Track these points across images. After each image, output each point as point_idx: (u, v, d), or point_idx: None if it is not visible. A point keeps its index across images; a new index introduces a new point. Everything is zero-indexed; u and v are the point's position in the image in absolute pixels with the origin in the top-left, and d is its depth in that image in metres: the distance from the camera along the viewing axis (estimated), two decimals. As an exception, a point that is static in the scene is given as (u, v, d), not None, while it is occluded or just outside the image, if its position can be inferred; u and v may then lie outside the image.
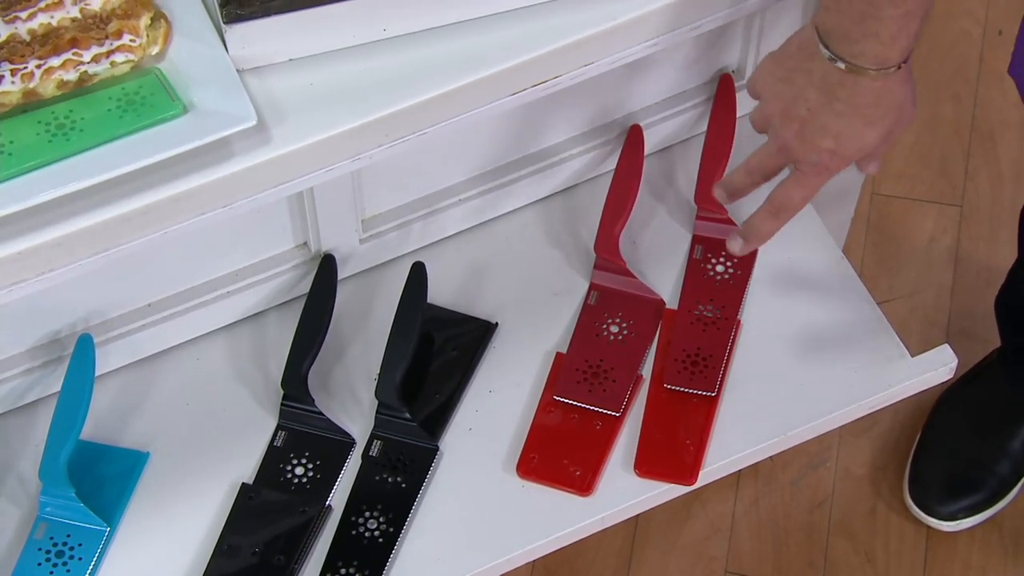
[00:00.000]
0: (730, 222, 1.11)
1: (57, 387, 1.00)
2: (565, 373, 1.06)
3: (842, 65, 0.83)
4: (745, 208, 1.12)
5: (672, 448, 1.03)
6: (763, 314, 1.09)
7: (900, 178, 1.52)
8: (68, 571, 0.96)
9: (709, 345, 1.06)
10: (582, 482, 1.02)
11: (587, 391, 1.05)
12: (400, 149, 0.91)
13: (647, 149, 1.12)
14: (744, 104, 1.15)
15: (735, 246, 0.93)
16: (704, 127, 1.13)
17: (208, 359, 1.07)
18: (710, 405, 1.05)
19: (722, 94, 1.12)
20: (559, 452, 1.03)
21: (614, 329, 1.08)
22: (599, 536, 1.12)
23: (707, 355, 1.06)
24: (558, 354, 1.08)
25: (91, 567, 0.97)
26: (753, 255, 1.11)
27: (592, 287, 1.10)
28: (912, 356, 1.07)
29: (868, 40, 0.82)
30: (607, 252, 1.09)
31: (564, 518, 1.02)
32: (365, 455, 1.03)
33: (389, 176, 1.06)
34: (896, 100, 0.86)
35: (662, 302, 1.09)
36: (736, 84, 1.13)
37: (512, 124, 1.08)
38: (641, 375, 1.07)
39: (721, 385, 1.05)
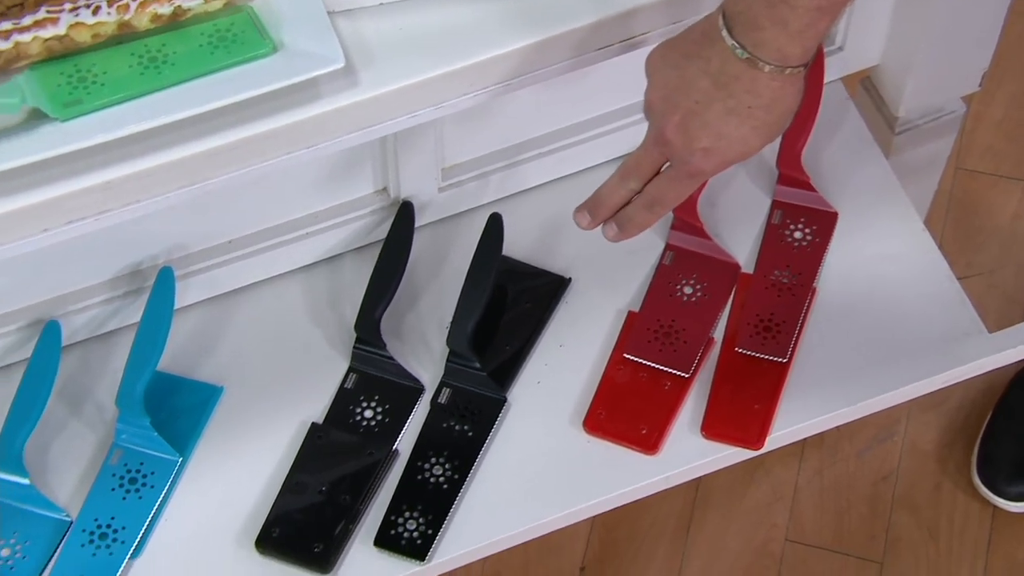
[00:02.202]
0: (811, 188, 1.10)
1: (136, 318, 1.01)
2: (636, 332, 1.06)
3: (742, 54, 0.79)
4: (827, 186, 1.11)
5: (740, 412, 1.03)
6: (839, 282, 1.08)
7: (986, 153, 1.50)
8: (140, 498, 0.98)
9: (783, 311, 1.06)
10: (648, 440, 1.02)
11: (658, 350, 1.05)
12: (485, 99, 0.91)
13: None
14: (832, 69, 1.14)
15: (609, 232, 0.90)
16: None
17: (284, 298, 1.09)
18: (781, 371, 1.04)
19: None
20: (626, 410, 1.03)
21: (688, 290, 1.08)
22: (660, 497, 1.13)
23: (780, 321, 1.05)
24: (630, 312, 1.08)
25: (162, 495, 0.99)
26: (832, 222, 1.10)
27: (668, 247, 1.10)
28: (989, 333, 1.06)
29: (775, 28, 0.78)
30: (685, 212, 1.08)
31: (628, 475, 1.02)
32: (434, 402, 1.04)
33: (472, 126, 1.06)
34: (786, 107, 0.82)
35: (737, 266, 1.09)
36: (826, 49, 1.11)
37: (598, 79, 1.08)
38: (713, 338, 1.06)
39: (793, 352, 1.05)
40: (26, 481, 0.97)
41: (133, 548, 0.97)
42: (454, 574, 1.37)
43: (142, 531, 0.97)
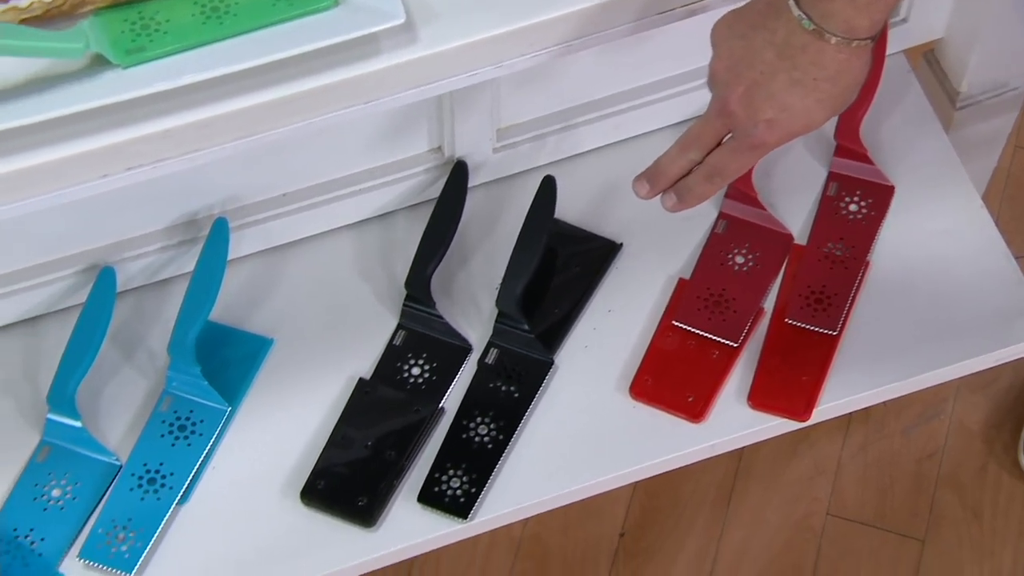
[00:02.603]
0: (869, 161, 1.09)
1: (190, 267, 1.02)
2: (686, 299, 1.06)
3: (809, 25, 0.79)
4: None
5: (788, 383, 1.02)
6: (894, 257, 1.07)
7: (1047, 132, 1.48)
8: (189, 445, 1.00)
9: (835, 283, 1.05)
10: (694, 408, 1.02)
11: (707, 319, 1.05)
12: (544, 60, 0.91)
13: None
14: (895, 41, 1.12)
15: (668, 202, 0.90)
16: (851, 62, 1.11)
17: (336, 254, 1.09)
18: (830, 344, 1.04)
19: (874, 30, 1.10)
20: (673, 377, 1.03)
21: (740, 260, 1.07)
22: (702, 466, 1.13)
23: (832, 293, 1.05)
24: (681, 280, 1.07)
25: (210, 443, 1.00)
26: (888, 195, 1.09)
27: (721, 215, 1.09)
28: (1044, 313, 1.05)
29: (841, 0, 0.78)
30: (740, 182, 1.07)
31: (673, 442, 1.02)
32: (481, 362, 1.05)
33: (529, 86, 1.06)
34: (853, 80, 0.81)
35: (791, 236, 1.08)
36: (889, 21, 1.10)
37: (659, 44, 1.07)
38: (763, 308, 1.06)
39: (844, 325, 1.04)
40: (78, 424, 0.98)
41: (180, 494, 0.98)
42: (495, 533, 1.38)
43: (189, 478, 0.99)
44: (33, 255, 1.01)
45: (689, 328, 1.05)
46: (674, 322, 1.05)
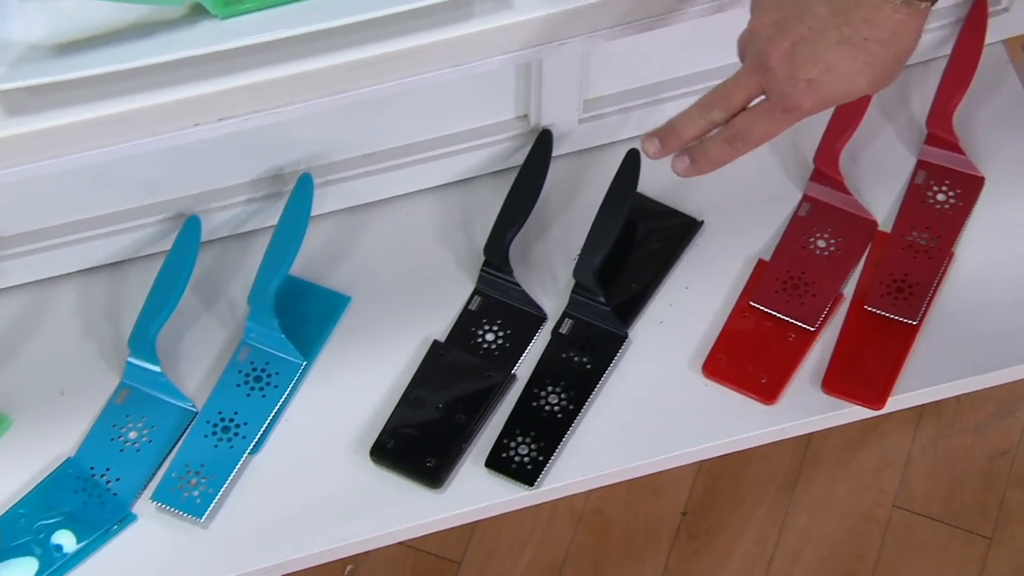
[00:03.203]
0: (960, 151, 1.07)
1: (273, 221, 1.03)
2: (765, 281, 1.05)
3: None
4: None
5: (864, 370, 1.01)
6: (979, 249, 1.06)
7: None
8: (263, 396, 1.01)
9: (918, 273, 1.04)
10: (767, 390, 1.02)
11: (785, 301, 1.04)
12: (636, 32, 0.90)
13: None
14: (994, 30, 1.10)
15: (679, 164, 0.84)
16: (948, 49, 1.09)
17: (417, 215, 1.10)
18: (909, 333, 1.02)
19: (975, 15, 1.08)
20: (747, 357, 1.03)
21: (821, 244, 1.06)
22: (769, 450, 1.12)
23: (914, 283, 1.04)
24: (760, 261, 1.07)
25: (284, 396, 1.01)
26: (978, 187, 1.07)
27: (805, 198, 1.08)
28: None
29: None
30: (826, 165, 1.07)
31: (743, 423, 1.02)
32: (555, 332, 1.05)
33: (619, 59, 1.05)
34: (904, 47, 0.76)
35: (875, 223, 1.07)
36: (990, 9, 1.08)
37: (744, 24, 1.06)
38: (842, 293, 1.05)
39: (924, 315, 1.03)
40: (157, 369, 1.00)
41: (252, 444, 0.99)
42: (557, 504, 1.39)
43: (263, 429, 1.00)
44: (123, 200, 1.03)
45: (766, 310, 1.04)
46: (751, 303, 1.05)
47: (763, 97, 0.81)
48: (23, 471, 0.98)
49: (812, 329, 1.03)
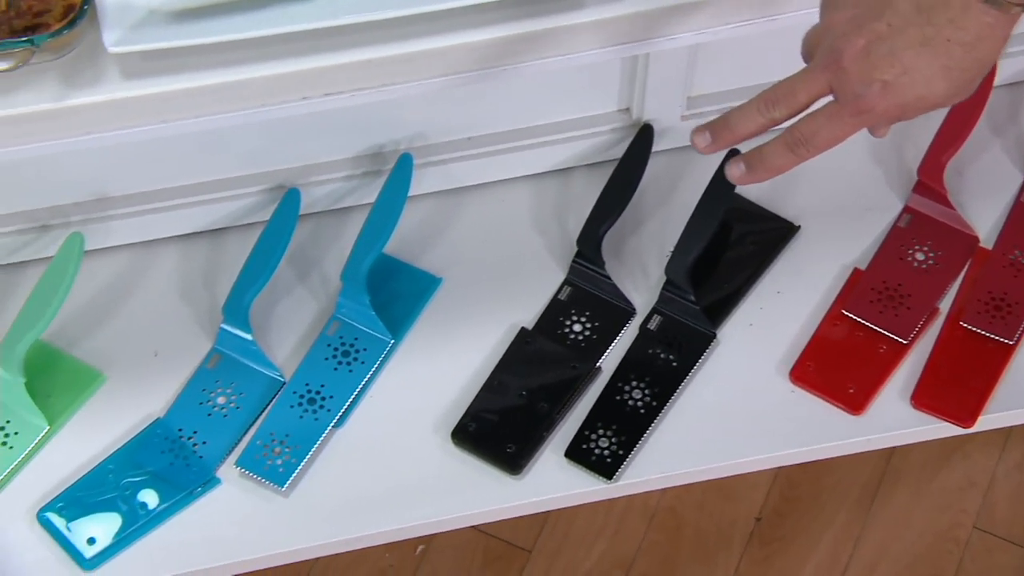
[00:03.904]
0: (1071, 171, 1.05)
1: (371, 198, 1.04)
2: (860, 290, 1.04)
3: None
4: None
5: (955, 387, 1.00)
6: (1082, 273, 1.04)
7: None
8: (350, 371, 1.02)
9: (1017, 292, 1.02)
10: (854, 400, 1.01)
11: (878, 312, 1.03)
12: (746, 32, 0.90)
13: (996, 80, 1.06)
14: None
15: (735, 171, 0.78)
16: (1062, 67, 1.07)
17: (513, 202, 1.10)
18: (1004, 353, 1.01)
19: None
20: (836, 366, 1.02)
21: (920, 256, 1.05)
22: (850, 461, 1.11)
23: (1013, 302, 1.02)
24: (856, 270, 1.06)
25: (370, 372, 1.02)
26: (1086, 210, 1.05)
27: (906, 210, 1.07)
28: None
29: None
30: (930, 177, 1.05)
31: (827, 431, 1.01)
32: (643, 327, 1.04)
33: (727, 57, 1.05)
34: (988, 54, 0.70)
35: (976, 239, 1.05)
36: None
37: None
38: (938, 308, 1.03)
39: (1021, 335, 1.01)
40: (249, 337, 1.01)
41: (337, 418, 1.00)
42: (631, 499, 1.38)
43: (347, 403, 1.01)
44: (227, 168, 1.04)
45: (859, 319, 1.03)
46: (844, 311, 1.03)
47: (829, 98, 0.76)
48: (113, 428, 1.00)
49: (904, 342, 1.02)
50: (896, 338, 1.02)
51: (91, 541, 0.95)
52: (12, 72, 0.82)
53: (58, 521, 0.96)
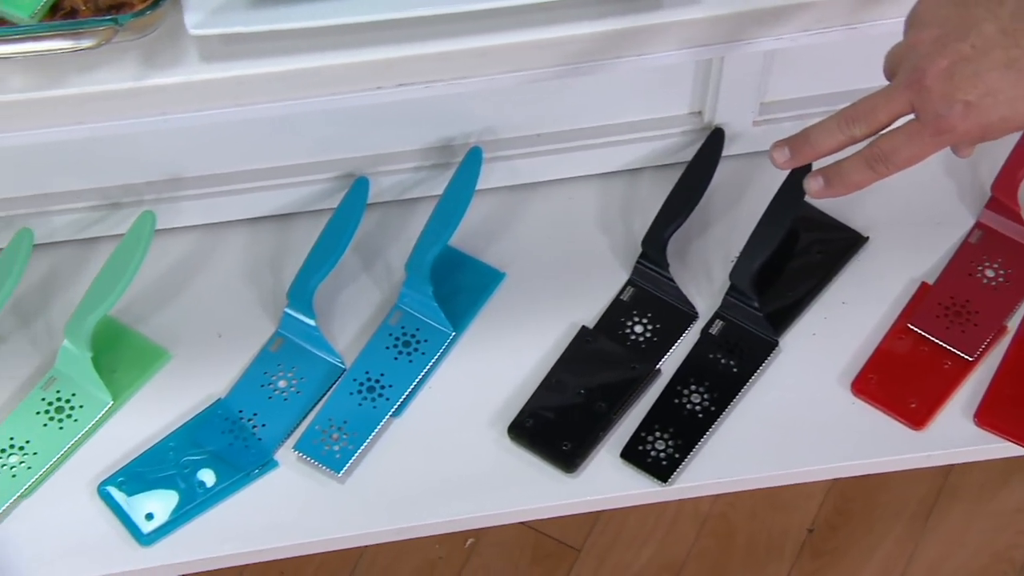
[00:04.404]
0: None
1: (438, 190, 1.05)
2: (926, 304, 1.03)
3: None
4: None
5: (1020, 407, 0.99)
6: None
7: None
8: (410, 361, 1.02)
9: (1088, 314, 1.01)
10: (916, 415, 1.00)
11: (945, 327, 1.02)
12: (825, 39, 0.89)
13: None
14: None
15: (814, 185, 0.79)
16: None
17: (579, 200, 1.10)
18: (1073, 375, 0.99)
19: None
20: (899, 380, 1.01)
21: (990, 273, 1.04)
22: (906, 477, 1.10)
23: (1083, 324, 1.00)
24: (923, 284, 1.04)
25: (430, 364, 1.02)
26: None
27: (978, 225, 1.05)
28: None
29: None
30: (1004, 194, 1.04)
31: (887, 445, 1.00)
32: (705, 332, 1.04)
33: (803, 64, 1.04)
34: None
35: (1049, 258, 1.04)
36: None
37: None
38: (1005, 326, 1.02)
39: (1090, 358, 1.00)
40: (312, 323, 1.02)
41: (395, 407, 1.01)
42: (683, 504, 1.38)
43: (406, 393, 1.01)
44: (298, 155, 1.05)
45: (924, 334, 1.02)
46: (909, 325, 1.02)
47: (910, 117, 0.77)
48: (176, 406, 1.01)
49: (970, 359, 1.01)
50: (962, 355, 1.01)
51: (149, 517, 0.96)
52: (95, 50, 0.83)
53: (118, 495, 0.97)
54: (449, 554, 1.43)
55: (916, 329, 1.02)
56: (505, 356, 1.04)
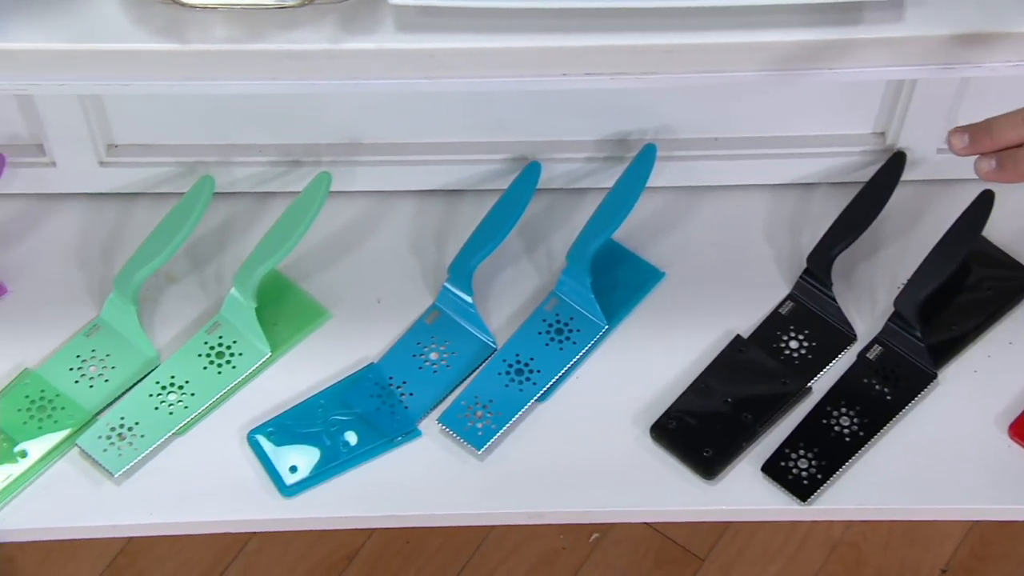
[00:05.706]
0: None
1: (607, 183, 1.05)
2: (1098, 355, 0.99)
3: None
4: None
5: None
6: None
7: None
8: (561, 349, 1.03)
9: None
10: (1074, 467, 0.96)
11: (1115, 381, 0.98)
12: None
13: None
14: None
15: (984, 165, 0.79)
16: None
17: (747, 209, 1.09)
18: None
19: None
20: (1060, 429, 0.98)
21: None
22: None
23: None
24: (1097, 333, 1.01)
25: (581, 353, 1.03)
26: None
27: None
28: None
29: None
30: None
31: (1038, 493, 0.97)
32: (862, 355, 1.02)
33: (994, 93, 1.00)
34: None
35: None
36: None
37: None
38: None
39: None
40: (470, 299, 1.03)
41: (541, 392, 1.01)
42: (814, 527, 1.36)
43: (554, 379, 1.02)
44: (474, 133, 1.06)
45: (1092, 385, 0.99)
46: (1077, 374, 0.99)
47: None
48: (330, 365, 1.03)
49: None
50: None
51: (293, 469, 0.99)
52: (298, 9, 0.85)
53: (266, 444, 0.99)
54: (572, 545, 1.44)
55: (1084, 379, 0.99)
56: (655, 355, 1.04)
